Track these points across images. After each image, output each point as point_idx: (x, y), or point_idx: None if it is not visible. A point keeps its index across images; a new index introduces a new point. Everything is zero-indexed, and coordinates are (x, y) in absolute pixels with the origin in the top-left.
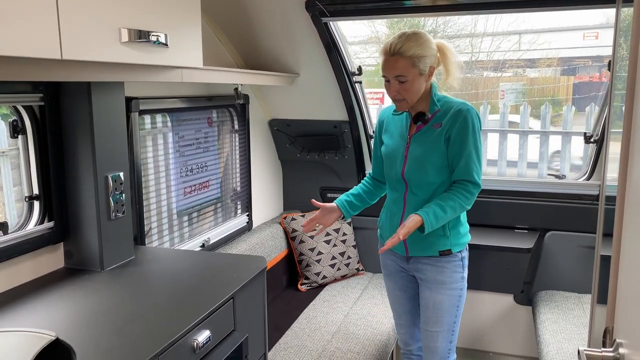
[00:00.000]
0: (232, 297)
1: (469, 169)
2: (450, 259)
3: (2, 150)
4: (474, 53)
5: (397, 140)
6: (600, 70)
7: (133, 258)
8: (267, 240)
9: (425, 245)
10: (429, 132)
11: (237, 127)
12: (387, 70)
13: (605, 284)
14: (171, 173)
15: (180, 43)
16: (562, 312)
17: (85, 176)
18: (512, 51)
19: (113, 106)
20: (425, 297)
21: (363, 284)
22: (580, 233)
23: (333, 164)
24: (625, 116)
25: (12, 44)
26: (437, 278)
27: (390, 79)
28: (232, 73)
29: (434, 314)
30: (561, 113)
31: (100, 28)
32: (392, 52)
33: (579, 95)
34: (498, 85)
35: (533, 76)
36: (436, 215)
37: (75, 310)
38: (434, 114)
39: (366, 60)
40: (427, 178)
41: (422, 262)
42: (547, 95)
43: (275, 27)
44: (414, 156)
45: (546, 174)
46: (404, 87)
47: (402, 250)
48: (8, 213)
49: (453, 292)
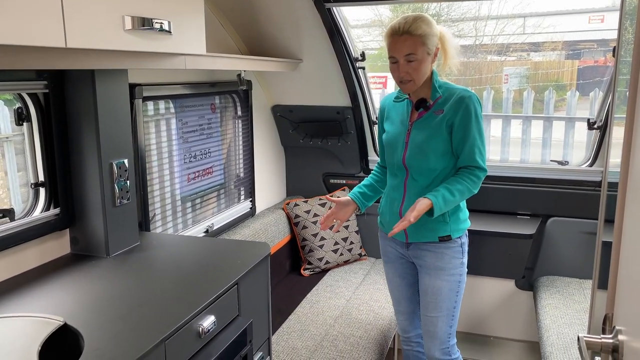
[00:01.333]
0: (236, 283)
1: (474, 154)
2: (450, 245)
3: (6, 136)
4: (478, 37)
5: (398, 126)
6: (605, 54)
7: (138, 244)
8: (271, 226)
9: (425, 231)
10: (430, 119)
11: (240, 113)
12: (396, 50)
13: (606, 270)
14: (175, 159)
15: (184, 30)
16: (563, 297)
17: (90, 163)
18: (517, 34)
19: (117, 93)
20: (424, 283)
21: (365, 269)
22: (582, 219)
23: (336, 149)
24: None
25: (17, 33)
26: (437, 264)
27: (399, 59)
28: (236, 59)
29: (433, 299)
30: (565, 97)
31: (104, 16)
32: (402, 31)
33: (583, 79)
34: (502, 70)
35: (537, 60)
36: (445, 199)
37: (82, 296)
38: (435, 100)
39: (369, 44)
40: (428, 164)
41: (422, 248)
42: (551, 79)
43: (278, 13)
44: (415, 142)
45: (549, 160)
46: (412, 66)
47: (402, 237)
48: (13, 198)
49: (452, 277)
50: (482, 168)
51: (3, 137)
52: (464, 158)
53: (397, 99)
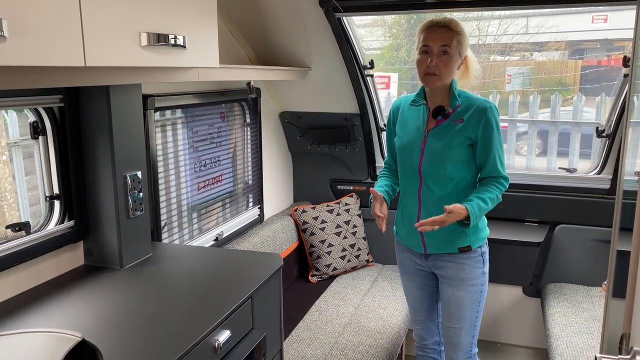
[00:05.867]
0: (250, 297)
1: (496, 164)
2: (470, 255)
3: (15, 141)
4: (481, 36)
5: (413, 133)
6: (609, 53)
7: (151, 255)
8: (279, 233)
9: (444, 242)
10: (449, 127)
11: (249, 120)
12: (433, 39)
13: (618, 279)
14: (186, 168)
15: (198, 44)
16: (572, 304)
17: (104, 176)
18: (520, 34)
19: (131, 106)
20: (446, 293)
21: (373, 275)
22: (590, 227)
23: (343, 156)
24: None
25: (39, 54)
26: (458, 275)
27: (434, 48)
28: (247, 70)
29: (456, 310)
30: (569, 97)
31: (121, 34)
32: (443, 24)
33: (587, 79)
34: (505, 70)
35: (540, 60)
36: (480, 207)
37: (98, 310)
38: (455, 108)
39: (372, 44)
40: (445, 173)
41: (442, 259)
42: (554, 79)
43: (288, 22)
44: (432, 150)
45: (557, 167)
46: (443, 59)
47: (420, 248)
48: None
49: (474, 288)
50: (506, 177)
51: (12, 142)
52: (487, 169)
53: (414, 103)
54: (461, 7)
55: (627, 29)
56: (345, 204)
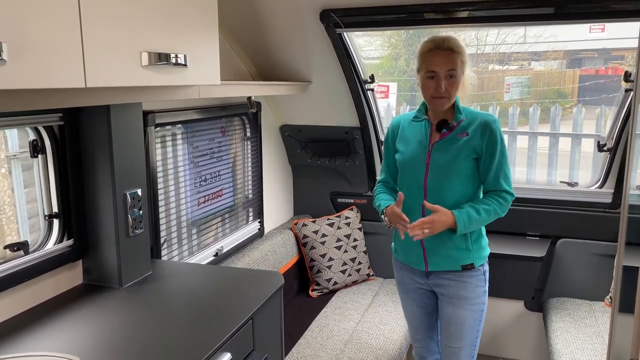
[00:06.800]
0: (251, 317)
1: (500, 178)
2: (473, 274)
3: (14, 154)
4: (480, 46)
5: (416, 147)
6: (606, 63)
7: (150, 273)
8: (279, 247)
9: (447, 260)
10: (453, 141)
11: (250, 134)
12: (440, 64)
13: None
14: (186, 184)
15: (199, 62)
16: (574, 320)
17: (104, 194)
18: (519, 44)
19: (131, 124)
20: (447, 312)
21: (374, 289)
22: (592, 241)
23: (344, 169)
24: None
25: (39, 77)
26: (460, 294)
27: (440, 73)
28: (247, 86)
29: (457, 329)
30: (567, 107)
31: (122, 55)
32: (445, 47)
33: (585, 90)
34: (503, 80)
35: (538, 69)
36: (469, 215)
37: (97, 331)
38: (459, 122)
39: (370, 53)
40: (451, 187)
41: (443, 277)
42: (553, 89)
43: (289, 37)
44: (437, 164)
45: (558, 181)
46: (451, 82)
47: (421, 265)
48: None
49: (476, 307)
50: (510, 192)
51: (11, 155)
52: (490, 183)
53: (415, 119)
54: (461, 23)
55: (624, 38)
56: (346, 217)
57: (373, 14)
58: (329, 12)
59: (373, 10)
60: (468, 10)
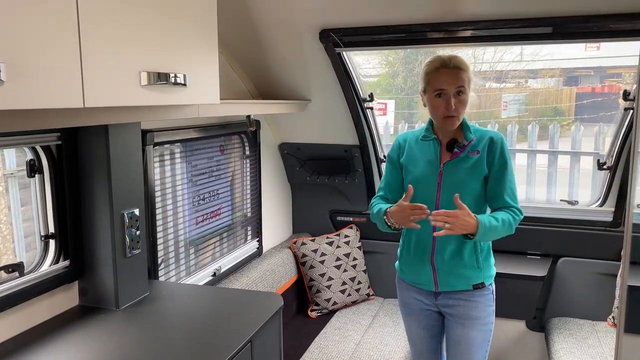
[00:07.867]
0: (250, 341)
1: (508, 195)
2: (483, 293)
3: (11, 172)
4: (477, 64)
5: (426, 167)
6: (603, 80)
7: (147, 294)
8: (278, 267)
9: (458, 279)
10: (465, 160)
11: (249, 152)
12: (448, 82)
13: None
14: (184, 203)
15: (198, 81)
16: (577, 340)
17: (101, 214)
18: (515, 62)
19: (130, 143)
20: (456, 333)
21: (374, 310)
22: (593, 260)
23: (343, 187)
24: None
25: (37, 97)
26: (470, 314)
27: (450, 92)
28: (247, 104)
29: (466, 351)
30: (565, 125)
31: (121, 74)
32: (452, 65)
33: (583, 107)
34: (500, 97)
35: (535, 87)
36: (490, 222)
37: (93, 355)
38: (470, 141)
39: (369, 71)
40: None
41: (453, 297)
42: (550, 107)
43: (288, 56)
44: (450, 183)
45: (557, 199)
46: (460, 100)
47: (431, 286)
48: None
49: (485, 327)
50: (520, 210)
51: (8, 173)
52: (500, 199)
53: (424, 138)
54: (460, 42)
55: (620, 56)
56: (345, 235)
57: (372, 34)
58: (329, 31)
59: (372, 30)
60: (467, 30)
